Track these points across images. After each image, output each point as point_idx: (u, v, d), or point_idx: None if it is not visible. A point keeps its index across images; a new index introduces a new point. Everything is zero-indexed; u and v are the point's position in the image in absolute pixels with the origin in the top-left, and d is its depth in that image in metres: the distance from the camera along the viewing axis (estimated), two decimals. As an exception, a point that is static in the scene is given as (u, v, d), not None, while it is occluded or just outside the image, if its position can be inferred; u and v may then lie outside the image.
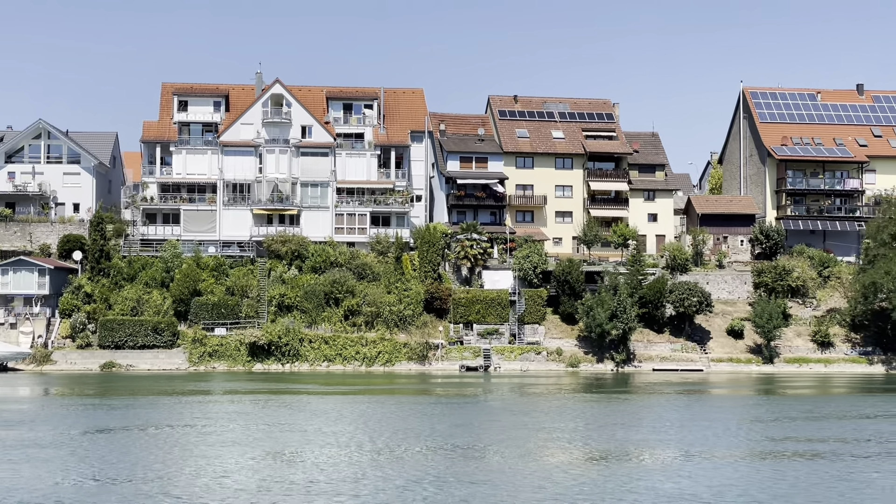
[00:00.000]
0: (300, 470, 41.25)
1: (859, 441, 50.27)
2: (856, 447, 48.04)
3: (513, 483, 38.57)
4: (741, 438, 51.25)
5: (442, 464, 42.63)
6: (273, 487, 37.56)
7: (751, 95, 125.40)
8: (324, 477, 39.57)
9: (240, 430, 53.29)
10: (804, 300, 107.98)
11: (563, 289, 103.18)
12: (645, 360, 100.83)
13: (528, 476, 40.04)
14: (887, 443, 49.95)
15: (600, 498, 36.04)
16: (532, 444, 48.64)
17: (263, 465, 42.56)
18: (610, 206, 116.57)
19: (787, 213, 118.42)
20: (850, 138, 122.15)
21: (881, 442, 50.34)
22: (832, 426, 56.73)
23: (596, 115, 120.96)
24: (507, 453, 45.59)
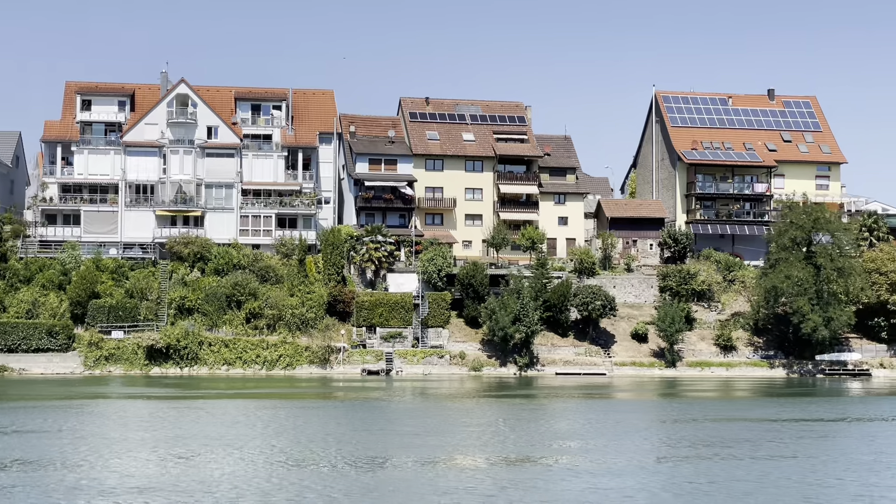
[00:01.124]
0: (192, 477, 39.93)
1: (746, 442, 50.08)
2: (742, 449, 47.82)
3: (410, 489, 38.00)
4: (636, 442, 50.76)
5: (334, 470, 41.81)
6: (159, 495, 36.32)
7: (663, 100, 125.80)
8: (218, 484, 38.41)
9: (122, 435, 52.01)
10: (710, 304, 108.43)
11: (467, 292, 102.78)
12: (548, 363, 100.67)
13: (425, 482, 39.46)
14: (777, 443, 49.79)
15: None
16: (429, 450, 47.99)
17: (152, 471, 41.23)
18: (520, 210, 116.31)
19: (696, 217, 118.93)
20: (760, 143, 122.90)
21: (772, 442, 50.18)
22: (722, 429, 56.52)
23: (508, 117, 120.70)
24: (402, 459, 44.87)
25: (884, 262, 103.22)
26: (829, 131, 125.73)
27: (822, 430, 57.34)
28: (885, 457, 46.47)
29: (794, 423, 60.43)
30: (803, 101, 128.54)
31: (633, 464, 43.61)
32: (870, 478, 40.85)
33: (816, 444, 51.08)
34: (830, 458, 45.92)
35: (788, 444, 50.63)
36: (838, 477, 40.92)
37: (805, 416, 64.72)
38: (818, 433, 55.63)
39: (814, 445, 50.37)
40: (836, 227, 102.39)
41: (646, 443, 50.78)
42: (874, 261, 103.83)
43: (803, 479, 40.08)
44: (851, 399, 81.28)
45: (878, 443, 51.46)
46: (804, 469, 42.59)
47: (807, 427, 58.31)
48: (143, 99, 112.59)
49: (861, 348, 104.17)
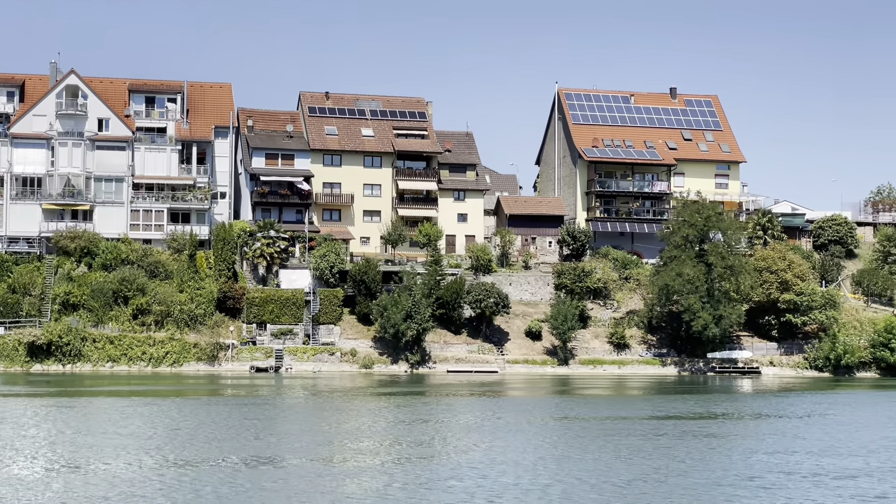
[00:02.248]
0: (74, 479, 38.42)
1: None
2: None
3: (296, 487, 37.08)
4: (510, 441, 50.02)
5: (218, 469, 40.66)
6: (38, 498, 34.86)
7: (565, 97, 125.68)
8: (96, 485, 37.01)
9: None
10: (605, 302, 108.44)
11: (359, 289, 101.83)
12: (440, 361, 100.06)
13: (312, 481, 38.54)
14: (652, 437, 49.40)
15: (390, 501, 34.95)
16: (315, 448, 47.07)
17: (28, 474, 39.54)
18: (419, 206, 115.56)
19: (596, 214, 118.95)
20: (661, 141, 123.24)
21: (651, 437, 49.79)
22: (601, 427, 56.09)
23: (408, 113, 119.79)
24: (287, 458, 43.90)
25: (774, 261, 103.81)
26: (730, 130, 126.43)
27: (704, 427, 57.12)
28: (764, 454, 46.17)
29: (676, 420, 60.34)
30: (705, 101, 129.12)
31: (512, 461, 43.11)
32: (748, 472, 40.77)
33: (697, 441, 50.69)
34: (709, 455, 45.63)
35: (665, 442, 50.24)
36: (722, 472, 40.90)
37: (684, 413, 64.60)
38: (700, 431, 55.36)
39: (696, 443, 49.98)
40: (727, 226, 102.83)
41: (514, 441, 50.13)
42: (765, 259, 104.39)
43: (684, 477, 39.92)
44: (735, 396, 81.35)
45: (758, 439, 51.30)
46: (685, 466, 42.42)
47: (689, 424, 58.14)
48: (32, 90, 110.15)
49: (752, 346, 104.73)
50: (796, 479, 39.79)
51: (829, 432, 55.22)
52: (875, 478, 40.54)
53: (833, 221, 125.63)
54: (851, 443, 50.93)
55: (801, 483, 39.13)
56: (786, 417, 63.54)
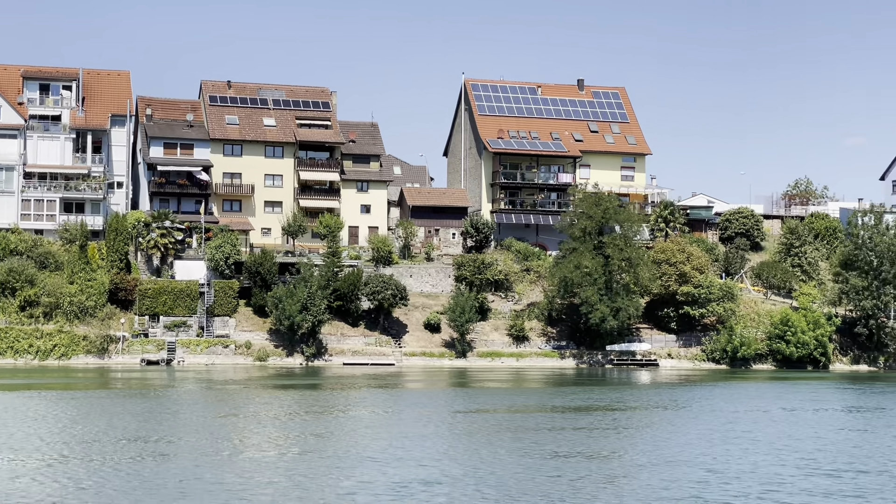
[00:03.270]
0: None
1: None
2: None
3: (191, 482, 36.04)
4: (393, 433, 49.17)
5: (102, 464, 39.31)
6: None
7: (472, 88, 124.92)
8: None
9: None
10: (507, 294, 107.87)
11: (255, 280, 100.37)
12: (337, 353, 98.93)
13: (209, 475, 37.47)
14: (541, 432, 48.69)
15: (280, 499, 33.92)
16: (207, 442, 45.93)
17: None
18: (321, 197, 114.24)
19: (501, 206, 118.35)
20: (567, 133, 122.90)
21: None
22: (480, 420, 55.32)
23: (312, 103, 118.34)
24: (177, 452, 42.75)
25: (674, 253, 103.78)
26: (636, 123, 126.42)
27: (589, 420, 56.61)
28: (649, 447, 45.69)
29: (563, 412, 59.87)
30: (612, 92, 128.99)
31: (398, 454, 42.66)
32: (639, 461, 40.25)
33: (564, 433, 50.11)
34: (581, 446, 45.06)
35: (538, 435, 49.63)
36: (606, 463, 40.49)
37: (568, 404, 64.10)
38: (585, 423, 54.86)
39: (563, 434, 49.40)
40: (624, 218, 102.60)
41: (398, 433, 49.33)
42: (664, 252, 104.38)
43: (573, 471, 39.46)
44: (620, 389, 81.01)
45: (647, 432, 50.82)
46: (570, 458, 42.05)
47: (571, 416, 57.61)
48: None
49: (651, 339, 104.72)
50: (680, 470, 39.44)
51: (690, 423, 55.00)
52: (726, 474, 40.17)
53: (740, 214, 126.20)
54: (713, 434, 50.69)
55: (685, 473, 38.76)
56: (661, 409, 63.29)
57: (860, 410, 65.32)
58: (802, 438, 50.06)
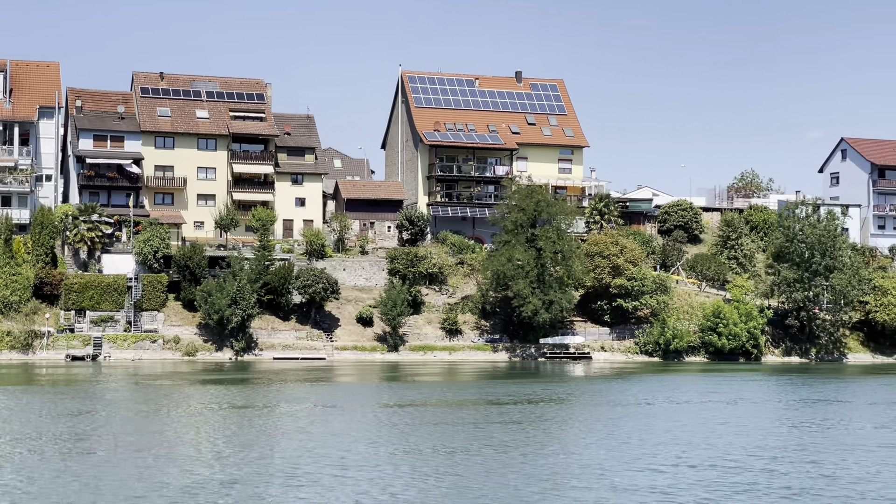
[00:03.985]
0: None
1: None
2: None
3: (114, 480, 35.17)
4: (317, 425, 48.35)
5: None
6: None
7: (408, 80, 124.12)
8: None
9: None
10: (441, 287, 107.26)
11: (184, 274, 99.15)
12: (267, 348, 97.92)
13: (133, 475, 36.59)
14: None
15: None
16: (129, 439, 45.03)
17: None
18: (256, 190, 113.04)
19: (437, 199, 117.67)
20: (504, 125, 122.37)
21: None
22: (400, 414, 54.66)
23: (246, 95, 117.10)
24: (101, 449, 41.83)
25: (607, 246, 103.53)
26: (574, 115, 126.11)
27: (511, 413, 56.10)
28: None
29: (477, 406, 59.35)
30: (550, 85, 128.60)
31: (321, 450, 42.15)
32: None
33: (505, 427, 49.59)
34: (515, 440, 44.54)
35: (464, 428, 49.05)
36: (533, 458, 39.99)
37: (481, 398, 63.59)
38: (506, 417, 54.36)
39: (502, 429, 48.88)
40: (557, 211, 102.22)
41: (320, 426, 48.73)
42: (597, 244, 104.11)
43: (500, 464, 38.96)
44: (548, 382, 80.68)
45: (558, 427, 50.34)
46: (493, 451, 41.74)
47: (493, 410, 57.12)
48: None
49: (585, 332, 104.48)
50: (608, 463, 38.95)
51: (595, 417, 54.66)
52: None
53: (679, 207, 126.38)
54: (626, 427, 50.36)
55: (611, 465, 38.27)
56: (578, 404, 62.96)
57: (761, 402, 65.32)
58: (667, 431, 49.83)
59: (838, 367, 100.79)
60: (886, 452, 44.08)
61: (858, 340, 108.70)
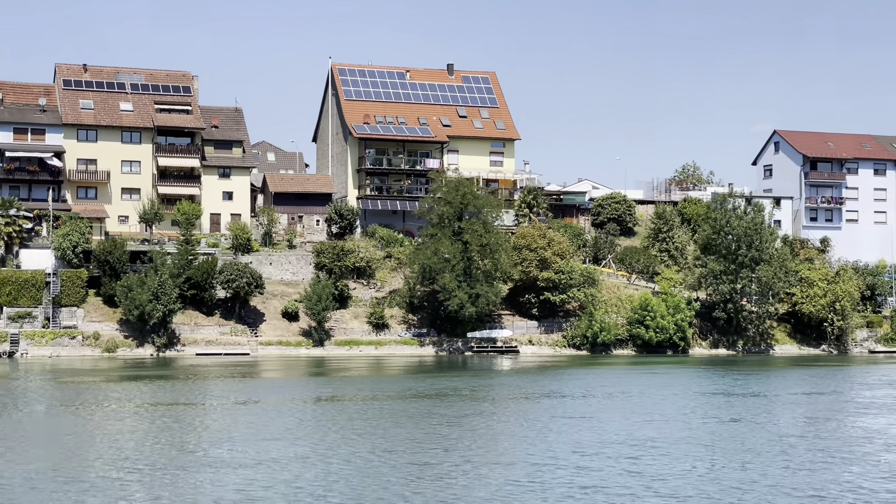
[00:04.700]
0: None
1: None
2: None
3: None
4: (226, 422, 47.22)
5: None
6: None
7: (339, 72, 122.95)
8: None
9: None
10: (369, 281, 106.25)
11: (105, 269, 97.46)
12: (190, 343, 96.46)
13: (55, 480, 35.17)
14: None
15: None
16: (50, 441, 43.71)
17: None
18: (181, 184, 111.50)
19: (367, 192, 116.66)
20: (435, 118, 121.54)
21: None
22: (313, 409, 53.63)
23: (172, 87, 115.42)
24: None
25: (535, 239, 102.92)
26: (506, 108, 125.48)
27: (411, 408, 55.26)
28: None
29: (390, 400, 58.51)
30: (482, 77, 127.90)
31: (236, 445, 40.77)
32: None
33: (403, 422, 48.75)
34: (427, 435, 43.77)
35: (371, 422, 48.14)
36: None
37: (398, 393, 62.72)
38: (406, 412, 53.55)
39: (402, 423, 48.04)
40: (483, 203, 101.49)
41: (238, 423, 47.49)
42: (525, 237, 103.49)
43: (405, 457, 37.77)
44: (469, 376, 79.98)
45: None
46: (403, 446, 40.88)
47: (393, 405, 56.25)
48: None
49: (513, 325, 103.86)
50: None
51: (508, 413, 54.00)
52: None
53: (612, 200, 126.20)
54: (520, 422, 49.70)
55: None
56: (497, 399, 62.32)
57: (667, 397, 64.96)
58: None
59: (764, 358, 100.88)
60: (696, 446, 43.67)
61: (785, 332, 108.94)
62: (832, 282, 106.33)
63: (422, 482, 34.93)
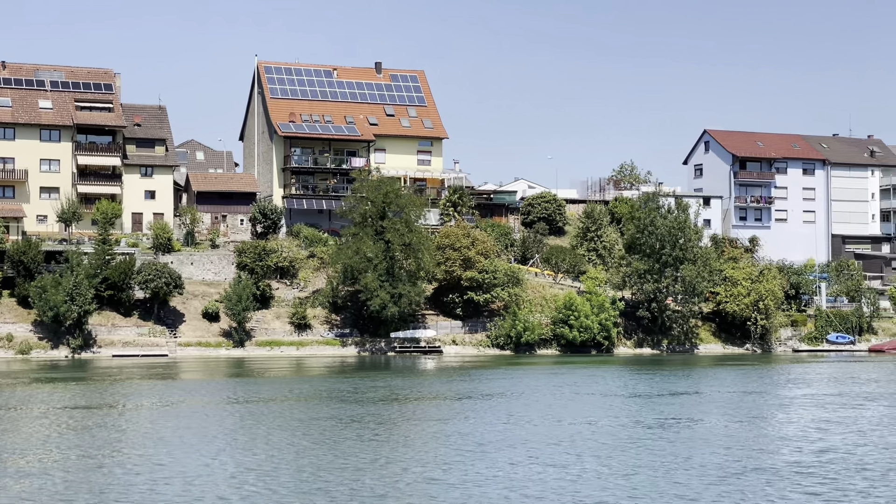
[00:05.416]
0: None
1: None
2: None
3: None
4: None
5: None
6: None
7: (265, 70, 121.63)
8: None
9: None
10: (292, 281, 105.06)
11: (18, 270, 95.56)
12: (106, 345, 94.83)
13: None
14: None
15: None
16: None
17: None
18: (102, 183, 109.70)
19: (292, 191, 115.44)
20: (362, 117, 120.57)
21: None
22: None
23: (94, 85, 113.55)
24: None
25: (458, 238, 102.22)
26: (434, 106, 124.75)
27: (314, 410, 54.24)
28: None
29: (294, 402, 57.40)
30: (410, 76, 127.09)
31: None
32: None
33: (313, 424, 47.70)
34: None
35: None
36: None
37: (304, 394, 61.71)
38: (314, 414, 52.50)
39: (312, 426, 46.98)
40: (405, 202, 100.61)
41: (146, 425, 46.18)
42: (448, 236, 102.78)
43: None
44: (380, 377, 79.12)
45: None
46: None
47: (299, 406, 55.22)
48: None
49: (437, 325, 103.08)
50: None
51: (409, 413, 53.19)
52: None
53: (542, 199, 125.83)
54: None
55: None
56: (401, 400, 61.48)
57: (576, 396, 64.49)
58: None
59: (688, 358, 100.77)
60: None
61: (710, 331, 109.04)
62: (756, 281, 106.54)
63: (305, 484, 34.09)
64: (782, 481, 34.78)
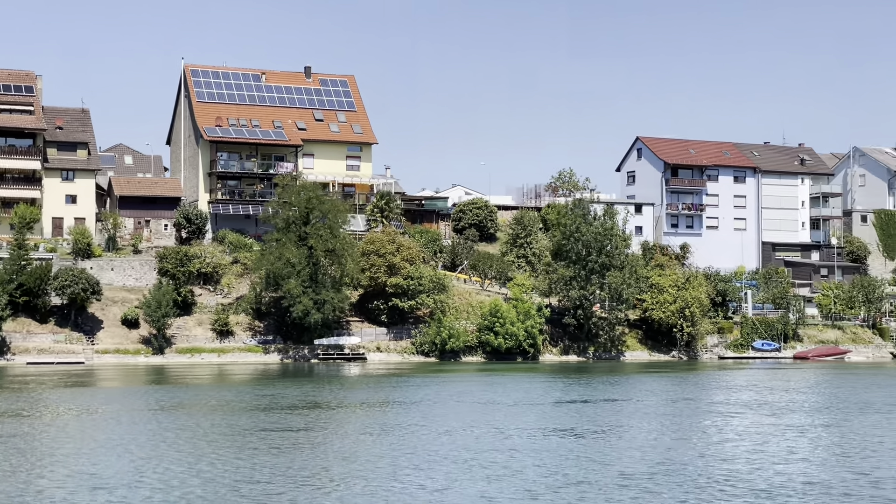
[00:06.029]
0: None
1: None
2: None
3: None
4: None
5: None
6: None
7: (191, 73, 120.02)
8: None
9: None
10: (215, 287, 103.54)
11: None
12: (21, 352, 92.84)
13: None
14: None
15: None
16: None
17: None
18: (20, 186, 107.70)
19: (218, 196, 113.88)
20: (291, 121, 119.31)
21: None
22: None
23: (14, 87, 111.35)
24: None
25: (383, 244, 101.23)
26: (364, 111, 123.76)
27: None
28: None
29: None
30: (340, 80, 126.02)
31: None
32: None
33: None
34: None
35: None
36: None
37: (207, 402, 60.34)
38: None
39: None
40: (329, 208, 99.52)
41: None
42: (373, 242, 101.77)
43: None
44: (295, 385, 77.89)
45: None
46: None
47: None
48: None
49: (362, 332, 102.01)
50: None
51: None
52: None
53: (473, 205, 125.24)
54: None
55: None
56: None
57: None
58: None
59: (614, 365, 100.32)
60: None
61: (637, 338, 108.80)
62: (682, 288, 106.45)
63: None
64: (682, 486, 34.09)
